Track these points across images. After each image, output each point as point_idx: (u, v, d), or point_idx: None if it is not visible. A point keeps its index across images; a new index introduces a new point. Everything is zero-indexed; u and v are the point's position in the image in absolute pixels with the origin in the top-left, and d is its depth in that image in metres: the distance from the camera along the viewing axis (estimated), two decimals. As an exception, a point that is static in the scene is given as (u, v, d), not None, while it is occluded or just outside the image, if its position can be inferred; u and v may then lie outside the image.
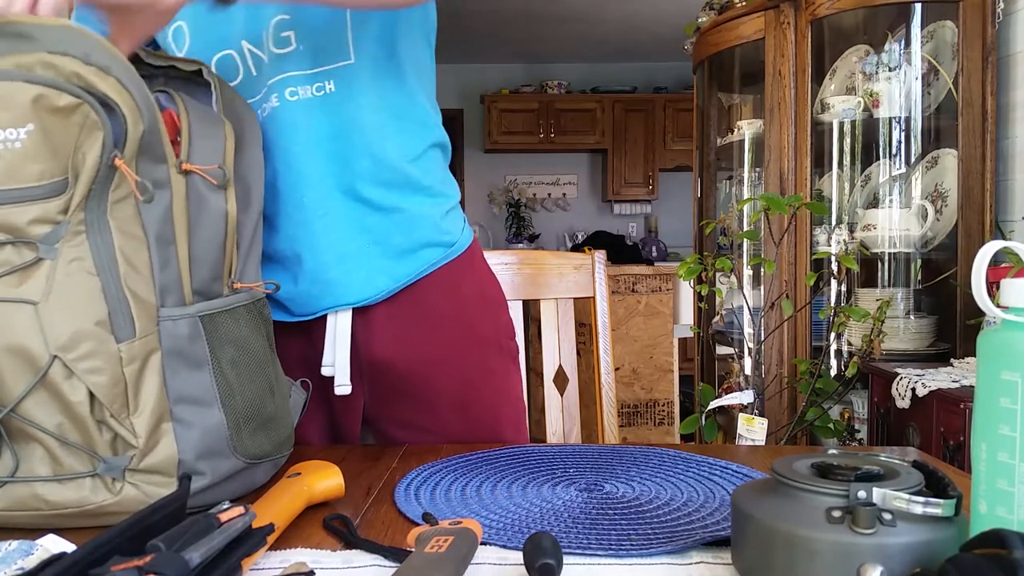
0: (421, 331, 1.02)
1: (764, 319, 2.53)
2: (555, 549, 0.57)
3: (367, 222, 0.98)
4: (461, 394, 1.05)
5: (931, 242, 2.47)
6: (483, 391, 1.07)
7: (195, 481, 0.70)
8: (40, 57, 0.65)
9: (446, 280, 1.03)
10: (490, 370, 1.08)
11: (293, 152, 0.95)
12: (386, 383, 1.03)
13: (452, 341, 1.04)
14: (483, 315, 1.08)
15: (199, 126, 0.74)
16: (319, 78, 0.95)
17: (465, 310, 1.06)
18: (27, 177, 0.65)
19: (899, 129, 2.52)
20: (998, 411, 0.51)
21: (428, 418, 1.05)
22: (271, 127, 0.95)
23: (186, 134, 0.73)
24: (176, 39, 0.98)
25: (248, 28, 0.95)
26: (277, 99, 0.95)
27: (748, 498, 0.56)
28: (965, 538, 0.49)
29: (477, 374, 1.06)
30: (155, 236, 0.69)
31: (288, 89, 0.94)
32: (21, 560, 0.56)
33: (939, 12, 2.45)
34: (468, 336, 1.06)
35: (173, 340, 0.70)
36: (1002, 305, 0.52)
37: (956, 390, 1.82)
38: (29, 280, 0.65)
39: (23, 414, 0.66)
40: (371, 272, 0.98)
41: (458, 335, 1.05)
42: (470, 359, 1.06)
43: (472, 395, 1.06)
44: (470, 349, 1.06)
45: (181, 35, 0.98)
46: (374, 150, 0.97)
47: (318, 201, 0.96)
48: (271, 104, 0.95)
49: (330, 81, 0.95)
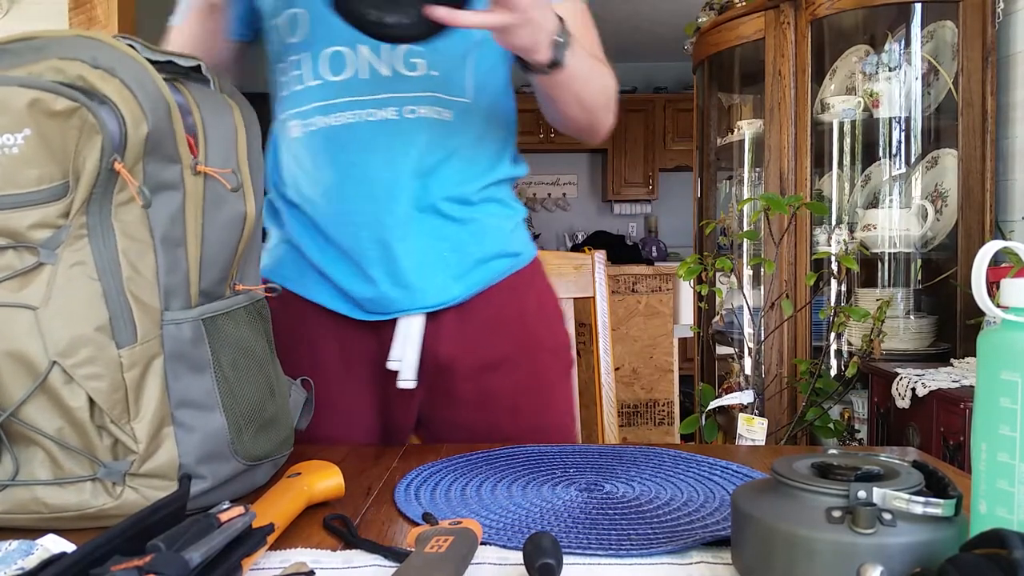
0: (484, 336, 1.06)
1: (764, 319, 2.54)
2: (555, 549, 0.57)
3: (445, 231, 1.03)
4: (514, 399, 1.08)
5: (931, 242, 2.47)
6: (535, 398, 1.10)
7: (195, 484, 0.70)
8: (50, 64, 0.65)
9: (511, 289, 1.08)
10: (544, 378, 1.11)
11: (391, 162, 0.99)
12: (445, 384, 1.06)
13: (511, 347, 1.08)
14: (542, 324, 1.12)
15: (211, 119, 0.74)
16: (440, 103, 1.00)
17: (526, 318, 1.10)
18: (26, 182, 0.65)
19: (899, 129, 2.52)
20: (998, 411, 0.51)
21: (479, 421, 1.07)
22: (374, 133, 0.98)
23: (201, 135, 0.72)
24: (291, 26, 0.99)
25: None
26: (396, 112, 0.98)
27: (748, 498, 0.56)
28: (965, 538, 0.49)
29: (532, 381, 1.09)
30: (163, 238, 0.69)
31: (408, 107, 0.98)
32: (21, 560, 0.56)
33: (939, 12, 2.45)
34: (527, 343, 1.10)
35: (176, 344, 0.69)
36: (1002, 305, 0.52)
37: (956, 390, 1.82)
38: (30, 285, 0.65)
39: (23, 418, 0.66)
40: (446, 279, 1.03)
41: (517, 341, 1.09)
42: (526, 365, 1.09)
43: (524, 401, 1.09)
44: (527, 356, 1.09)
45: (296, 22, 0.99)
46: (466, 176, 1.03)
47: (402, 211, 1.00)
48: (385, 114, 0.98)
49: (449, 110, 1.00)
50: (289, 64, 1.01)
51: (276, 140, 1.08)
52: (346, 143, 0.99)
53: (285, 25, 1.00)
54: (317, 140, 1.00)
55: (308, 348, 1.05)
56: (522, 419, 1.08)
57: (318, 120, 1.00)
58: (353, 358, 1.04)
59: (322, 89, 0.99)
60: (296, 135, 1.02)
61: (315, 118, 1.00)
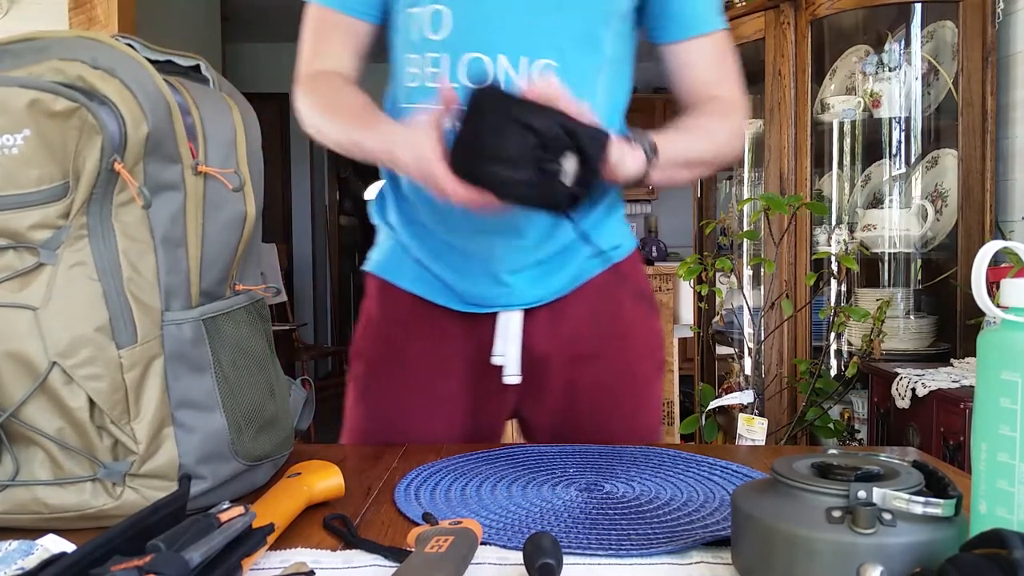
0: (578, 329, 1.06)
1: (764, 319, 2.53)
2: (555, 549, 0.57)
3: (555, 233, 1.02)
4: (604, 395, 1.08)
5: (931, 242, 2.47)
6: (625, 396, 1.09)
7: (195, 485, 0.70)
8: (50, 64, 0.65)
9: (607, 283, 1.08)
10: (633, 374, 1.10)
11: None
12: (538, 379, 1.06)
13: (604, 341, 1.08)
14: (636, 320, 1.11)
15: (211, 119, 0.74)
16: None
17: (620, 312, 1.10)
18: (26, 182, 0.64)
19: (899, 129, 2.52)
20: (998, 411, 0.51)
21: (568, 417, 1.07)
22: None
23: (201, 134, 0.72)
24: (434, 23, 0.98)
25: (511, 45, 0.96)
26: None
27: (748, 498, 0.56)
28: (965, 538, 0.49)
29: (621, 378, 1.09)
30: (164, 239, 0.69)
31: None
32: (21, 560, 0.56)
33: (939, 12, 2.45)
34: (619, 338, 1.09)
35: (176, 344, 0.69)
36: (1002, 305, 0.52)
37: (956, 390, 1.82)
38: (30, 285, 0.65)
39: (23, 419, 0.66)
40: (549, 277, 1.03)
41: (610, 336, 1.08)
42: (617, 361, 1.08)
43: (613, 398, 1.08)
44: (619, 350, 1.08)
45: (440, 20, 0.97)
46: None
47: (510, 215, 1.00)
48: None
49: None
50: (426, 59, 0.99)
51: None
52: None
53: (427, 19, 0.98)
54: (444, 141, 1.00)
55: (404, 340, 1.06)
56: (611, 416, 1.08)
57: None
58: (448, 352, 1.05)
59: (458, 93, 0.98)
60: None
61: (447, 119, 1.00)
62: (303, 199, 6.52)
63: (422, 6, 0.98)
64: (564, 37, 0.96)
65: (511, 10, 0.94)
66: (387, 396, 1.07)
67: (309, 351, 5.38)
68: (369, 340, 1.09)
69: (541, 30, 0.95)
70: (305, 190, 6.52)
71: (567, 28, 0.96)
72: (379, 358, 1.08)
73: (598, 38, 0.98)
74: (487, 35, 0.96)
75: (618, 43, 1.01)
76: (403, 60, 1.01)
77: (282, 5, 5.48)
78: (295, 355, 5.11)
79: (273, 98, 6.26)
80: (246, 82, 5.94)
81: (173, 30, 4.02)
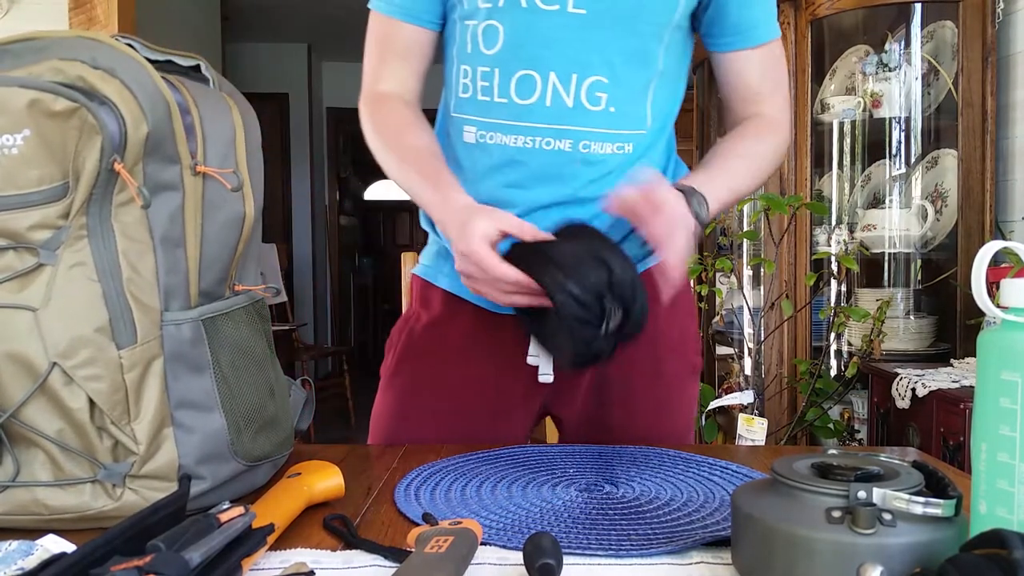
0: None
1: (764, 319, 2.53)
2: (555, 549, 0.57)
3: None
4: (629, 392, 1.07)
5: (931, 242, 2.47)
6: (649, 394, 1.08)
7: (195, 485, 0.70)
8: (50, 64, 0.65)
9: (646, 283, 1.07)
10: (660, 374, 1.09)
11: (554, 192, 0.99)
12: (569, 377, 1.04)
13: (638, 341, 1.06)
14: (672, 321, 1.10)
15: (210, 118, 0.73)
16: (620, 139, 0.99)
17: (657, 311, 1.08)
18: (26, 182, 0.64)
19: (899, 129, 2.52)
20: (998, 411, 0.51)
21: (594, 414, 1.07)
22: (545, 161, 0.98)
23: (200, 134, 0.72)
24: (487, 37, 0.98)
25: (561, 62, 0.96)
26: (571, 145, 0.98)
27: (748, 498, 0.56)
28: (965, 538, 0.49)
29: (648, 378, 1.08)
30: (163, 239, 0.69)
31: (583, 142, 0.98)
32: (21, 560, 0.56)
33: (939, 12, 2.45)
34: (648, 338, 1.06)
35: (176, 344, 0.69)
36: (1002, 305, 0.52)
37: (956, 390, 1.82)
38: (30, 286, 0.65)
39: (23, 420, 0.66)
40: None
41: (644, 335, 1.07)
42: (645, 360, 1.07)
43: (637, 395, 1.07)
44: (648, 350, 1.07)
45: (495, 35, 0.98)
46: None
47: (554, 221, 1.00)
48: (560, 145, 0.98)
49: (629, 144, 1.00)
50: (477, 72, 1.00)
51: (445, 133, 1.07)
52: (517, 165, 0.99)
53: (480, 33, 0.99)
54: (491, 154, 1.00)
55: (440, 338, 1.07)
56: (636, 415, 1.07)
57: (497, 136, 1.00)
58: (482, 351, 1.05)
59: (507, 108, 0.98)
60: (470, 141, 1.02)
61: (494, 133, 1.00)
62: (303, 199, 6.52)
63: (476, 20, 0.99)
64: (615, 53, 0.96)
65: (563, 27, 0.94)
66: (416, 392, 1.07)
67: (309, 351, 5.38)
68: (403, 335, 1.10)
69: (592, 46, 0.95)
70: (305, 190, 6.52)
71: (618, 44, 0.96)
72: (412, 354, 1.09)
73: (650, 53, 0.98)
74: (538, 51, 0.96)
75: (671, 57, 1.01)
76: (456, 71, 1.02)
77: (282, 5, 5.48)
78: (295, 355, 5.11)
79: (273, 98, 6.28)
80: (246, 82, 5.94)
81: (173, 30, 4.02)
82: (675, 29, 0.99)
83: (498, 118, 0.99)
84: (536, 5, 0.94)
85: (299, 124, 6.43)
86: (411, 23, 1.03)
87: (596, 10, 0.94)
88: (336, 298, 7.10)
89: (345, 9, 5.21)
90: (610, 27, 0.95)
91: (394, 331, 1.13)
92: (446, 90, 1.07)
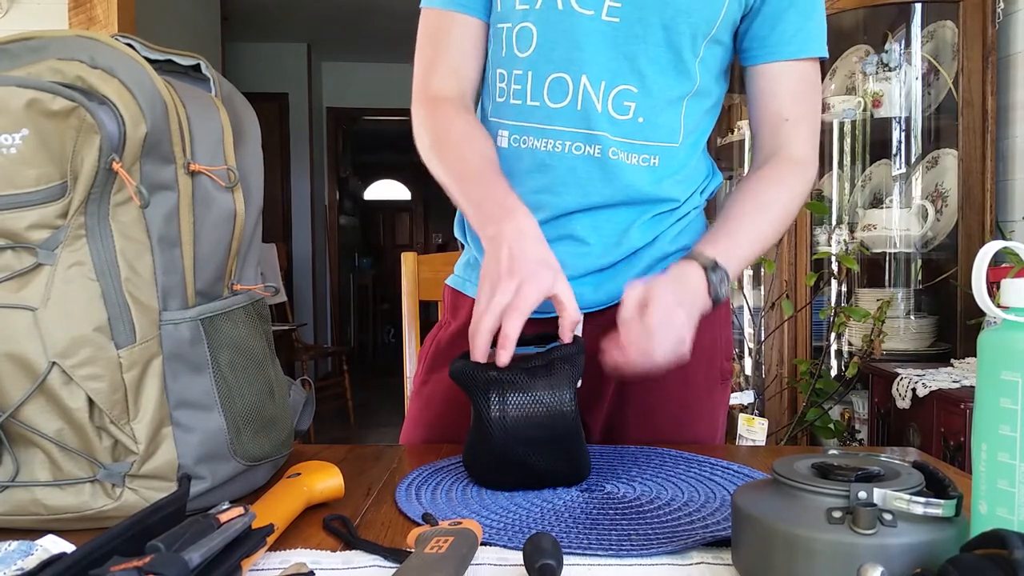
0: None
1: (764, 319, 2.53)
2: (555, 549, 0.57)
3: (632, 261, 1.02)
4: (652, 396, 1.04)
5: (931, 242, 2.47)
6: (673, 399, 1.06)
7: (195, 485, 0.69)
8: (49, 64, 0.65)
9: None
10: (686, 381, 1.05)
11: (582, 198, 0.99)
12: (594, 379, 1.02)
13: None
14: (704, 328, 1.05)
15: (197, 118, 0.73)
16: (647, 151, 0.99)
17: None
18: (24, 182, 0.64)
19: (899, 129, 2.52)
20: (998, 411, 0.51)
21: (618, 418, 1.06)
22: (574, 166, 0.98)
23: (187, 133, 0.72)
24: (520, 40, 0.98)
25: (592, 67, 0.96)
26: (600, 151, 0.97)
27: (748, 498, 0.56)
28: (965, 538, 0.49)
29: (672, 384, 1.03)
30: (160, 238, 0.69)
31: (612, 148, 0.97)
32: (21, 560, 0.56)
33: (939, 12, 2.45)
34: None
35: (174, 344, 0.69)
36: (1002, 305, 0.52)
37: (956, 390, 1.82)
38: (28, 286, 0.65)
39: (23, 420, 0.66)
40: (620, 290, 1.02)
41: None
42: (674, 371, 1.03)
43: (660, 400, 1.05)
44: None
45: (528, 37, 0.98)
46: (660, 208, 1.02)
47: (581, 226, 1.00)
48: (590, 151, 0.97)
49: (656, 157, 0.99)
50: (512, 76, 1.00)
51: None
52: (547, 169, 0.99)
53: (515, 36, 0.99)
54: (523, 159, 1.00)
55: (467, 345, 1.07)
56: (659, 420, 1.05)
57: (529, 140, 1.00)
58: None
59: (539, 112, 0.98)
60: (503, 146, 1.02)
61: (527, 137, 1.00)
62: (303, 199, 6.52)
63: (511, 23, 0.99)
64: (647, 63, 0.95)
65: (595, 32, 0.94)
66: (443, 397, 1.06)
67: (309, 351, 5.38)
68: (432, 344, 1.11)
69: (623, 55, 0.95)
70: (305, 190, 6.53)
71: (651, 55, 0.95)
72: (439, 363, 1.08)
73: (685, 66, 0.97)
74: (570, 54, 0.95)
75: (708, 74, 0.99)
76: (492, 75, 1.03)
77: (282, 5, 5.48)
78: (295, 355, 5.11)
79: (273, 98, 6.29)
80: (246, 82, 5.94)
81: (173, 30, 4.02)
82: (713, 43, 0.97)
83: (530, 121, 0.99)
84: (572, 7, 0.94)
85: (299, 124, 6.43)
86: (468, 14, 1.02)
87: (629, 20, 0.94)
88: (336, 298, 7.10)
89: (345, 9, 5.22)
90: (643, 37, 0.94)
91: (426, 340, 1.13)
92: (484, 93, 1.07)
